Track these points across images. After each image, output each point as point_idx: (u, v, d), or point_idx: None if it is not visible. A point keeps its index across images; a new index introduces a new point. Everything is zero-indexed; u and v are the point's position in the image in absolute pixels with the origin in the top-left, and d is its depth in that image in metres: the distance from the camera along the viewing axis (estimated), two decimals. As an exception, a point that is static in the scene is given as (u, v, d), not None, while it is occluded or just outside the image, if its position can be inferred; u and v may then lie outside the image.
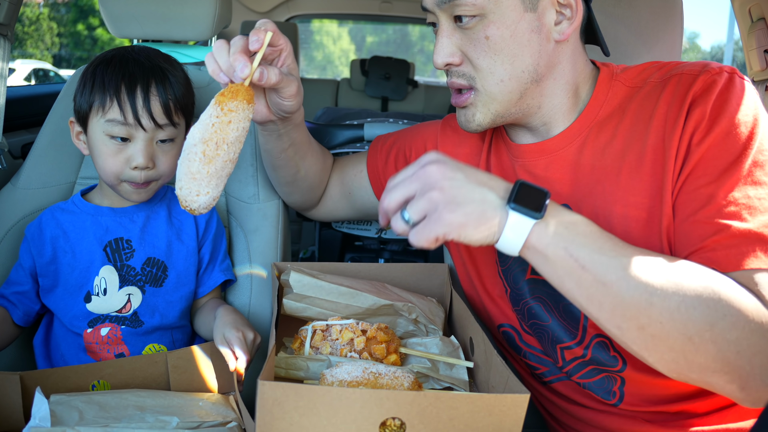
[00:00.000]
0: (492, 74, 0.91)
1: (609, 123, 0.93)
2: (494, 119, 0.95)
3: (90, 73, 1.07)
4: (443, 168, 0.75)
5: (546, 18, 0.90)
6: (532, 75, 0.91)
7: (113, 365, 0.96)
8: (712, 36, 45.90)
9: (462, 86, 0.94)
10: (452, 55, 0.92)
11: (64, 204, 1.17)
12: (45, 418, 0.80)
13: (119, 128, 1.04)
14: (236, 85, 0.87)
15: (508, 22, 0.88)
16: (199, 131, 0.85)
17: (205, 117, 0.85)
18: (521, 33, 0.89)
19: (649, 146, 0.87)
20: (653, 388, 0.91)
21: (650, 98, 0.90)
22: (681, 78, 0.88)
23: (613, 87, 0.95)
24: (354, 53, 24.36)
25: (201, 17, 1.32)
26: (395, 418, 0.71)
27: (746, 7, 1.43)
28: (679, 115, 0.85)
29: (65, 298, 1.10)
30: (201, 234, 1.19)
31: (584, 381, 0.96)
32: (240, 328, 0.97)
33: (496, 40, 0.89)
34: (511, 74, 0.90)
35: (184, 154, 0.85)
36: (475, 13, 0.88)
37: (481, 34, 0.89)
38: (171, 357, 0.97)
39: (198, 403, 0.91)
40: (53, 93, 1.58)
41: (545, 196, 0.74)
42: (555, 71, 0.93)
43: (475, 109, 0.95)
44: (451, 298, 1.12)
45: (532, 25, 0.89)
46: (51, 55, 19.04)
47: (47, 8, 19.14)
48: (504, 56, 0.89)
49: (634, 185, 0.88)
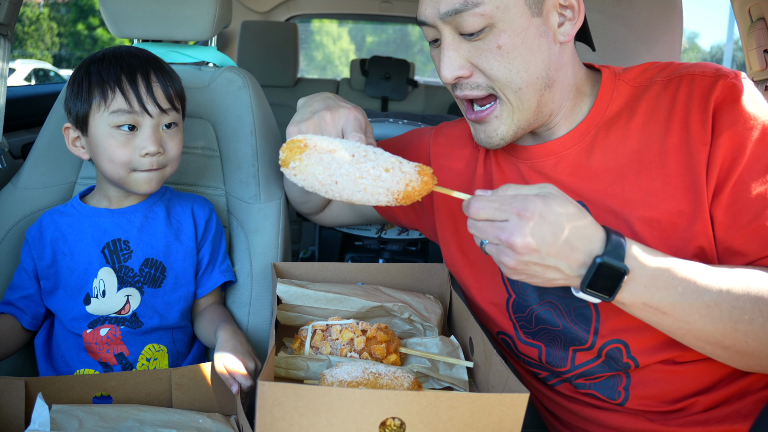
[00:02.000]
0: (509, 83, 0.89)
1: (617, 122, 0.93)
2: (516, 131, 0.93)
3: (83, 73, 1.07)
4: (538, 225, 0.74)
5: (551, 21, 0.89)
6: (545, 80, 0.90)
7: (117, 378, 0.96)
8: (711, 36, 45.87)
9: (477, 96, 0.92)
10: (462, 68, 0.90)
11: (63, 207, 1.17)
12: (45, 423, 0.80)
13: (125, 117, 1.04)
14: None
15: (518, 29, 0.87)
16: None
17: None
18: (531, 38, 0.88)
19: (669, 147, 0.87)
20: (658, 387, 0.91)
21: (662, 98, 0.90)
22: (693, 79, 0.89)
23: (617, 86, 0.95)
24: (354, 53, 24.34)
25: (201, 17, 1.32)
26: (395, 417, 0.72)
27: (746, 7, 1.43)
28: (704, 120, 0.85)
29: (65, 300, 1.10)
30: (200, 235, 1.19)
31: (590, 382, 0.96)
32: (239, 356, 0.95)
33: (508, 49, 0.87)
34: (527, 81, 0.89)
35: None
36: (484, 25, 0.86)
37: (493, 43, 0.87)
38: (175, 374, 0.97)
39: (198, 420, 0.91)
40: (53, 93, 1.59)
41: (622, 276, 0.75)
42: (561, 74, 0.92)
43: (499, 122, 0.93)
44: (451, 298, 1.12)
45: (540, 30, 0.88)
46: (51, 55, 19.03)
47: (47, 8, 19.13)
48: (519, 64, 0.88)
49: (656, 187, 0.87)
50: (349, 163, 0.80)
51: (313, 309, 1.02)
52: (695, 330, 0.78)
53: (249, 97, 1.34)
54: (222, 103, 1.33)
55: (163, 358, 1.13)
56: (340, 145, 0.81)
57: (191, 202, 1.21)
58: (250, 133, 1.32)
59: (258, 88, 1.39)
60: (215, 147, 1.33)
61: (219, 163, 1.32)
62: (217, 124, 1.33)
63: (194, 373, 0.97)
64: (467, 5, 0.86)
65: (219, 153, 1.32)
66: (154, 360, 1.12)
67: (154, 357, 1.12)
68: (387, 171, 0.80)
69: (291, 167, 0.82)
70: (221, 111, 1.33)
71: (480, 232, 0.78)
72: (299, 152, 0.80)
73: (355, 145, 0.83)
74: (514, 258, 0.75)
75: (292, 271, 1.15)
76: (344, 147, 0.81)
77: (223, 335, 1.03)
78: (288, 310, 1.02)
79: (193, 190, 1.30)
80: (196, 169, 1.31)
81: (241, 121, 1.32)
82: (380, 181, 0.80)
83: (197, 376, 0.97)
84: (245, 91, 1.34)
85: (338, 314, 1.01)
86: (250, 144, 1.31)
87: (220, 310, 1.20)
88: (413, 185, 0.81)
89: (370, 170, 0.80)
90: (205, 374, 0.97)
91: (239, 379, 0.91)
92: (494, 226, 0.76)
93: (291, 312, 1.02)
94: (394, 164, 0.81)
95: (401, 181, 0.81)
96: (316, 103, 0.99)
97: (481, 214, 0.78)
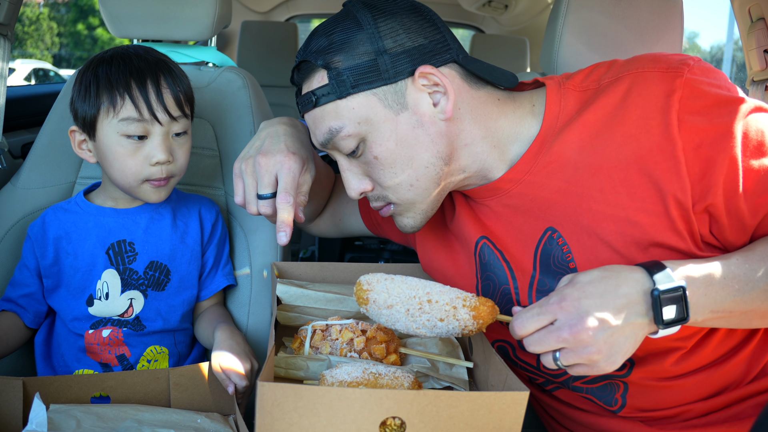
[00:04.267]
0: (399, 185, 0.90)
1: (569, 137, 0.88)
2: (425, 216, 0.94)
3: (91, 75, 1.04)
4: (585, 304, 0.72)
5: (422, 107, 0.87)
6: (438, 162, 0.89)
7: (115, 378, 0.95)
8: (711, 36, 45.88)
9: (383, 206, 0.94)
10: (361, 183, 0.92)
11: (66, 204, 1.16)
12: (42, 423, 0.80)
13: (135, 126, 1.01)
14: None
15: (387, 134, 0.87)
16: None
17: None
18: (404, 136, 0.87)
19: (629, 155, 0.83)
20: (654, 394, 0.91)
21: (612, 102, 0.86)
22: (644, 77, 0.85)
23: (564, 97, 0.91)
24: (354, 53, 24.28)
25: (201, 17, 1.32)
26: (395, 417, 0.71)
27: (746, 7, 1.43)
28: (667, 125, 0.81)
29: (68, 300, 1.10)
30: (206, 238, 1.18)
31: (587, 386, 0.95)
32: (236, 356, 0.95)
33: (385, 156, 0.88)
34: (417, 176, 0.89)
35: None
36: (357, 143, 0.88)
37: (370, 156, 0.88)
38: (173, 374, 0.96)
39: (196, 420, 0.91)
40: (53, 93, 1.58)
41: (684, 293, 0.74)
42: (459, 141, 0.90)
43: (401, 217, 0.95)
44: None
45: (411, 123, 0.87)
46: (51, 55, 19.03)
47: (47, 8, 19.13)
48: (400, 165, 0.88)
49: (621, 201, 0.84)
50: (405, 317, 0.85)
51: (312, 309, 1.01)
52: (760, 313, 0.80)
53: (249, 97, 1.34)
54: (222, 103, 1.33)
55: (164, 359, 1.13)
56: (397, 300, 0.85)
57: (198, 204, 1.20)
58: (249, 133, 1.32)
59: (258, 88, 1.39)
60: (215, 147, 1.33)
61: (219, 163, 1.32)
62: (217, 124, 1.33)
63: (192, 373, 0.97)
64: (333, 133, 0.88)
65: (219, 153, 1.32)
66: (155, 362, 1.12)
67: (155, 359, 1.12)
68: (441, 321, 0.84)
69: (360, 309, 0.89)
70: (221, 111, 1.33)
71: (540, 344, 0.75)
72: (364, 303, 0.86)
73: (412, 296, 0.85)
74: (594, 345, 0.72)
75: (292, 270, 1.14)
76: (401, 302, 0.85)
77: (220, 335, 1.02)
78: (288, 311, 1.02)
79: (193, 189, 1.30)
80: (196, 169, 1.31)
81: (241, 121, 1.32)
82: (436, 329, 0.85)
83: (195, 376, 0.97)
84: (245, 91, 1.34)
85: (338, 314, 1.01)
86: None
87: (220, 311, 1.20)
88: (469, 329, 0.84)
89: (425, 323, 0.85)
90: (203, 374, 0.97)
91: (234, 379, 0.91)
92: (550, 331, 0.74)
93: (291, 312, 1.02)
94: (449, 312, 0.84)
95: (456, 327, 0.84)
96: (262, 137, 1.00)
97: (528, 326, 0.75)
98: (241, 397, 0.93)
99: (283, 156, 0.96)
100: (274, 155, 0.96)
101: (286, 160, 0.95)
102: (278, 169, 0.95)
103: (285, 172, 0.95)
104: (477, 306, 0.84)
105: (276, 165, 0.95)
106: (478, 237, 0.98)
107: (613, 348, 0.73)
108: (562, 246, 0.88)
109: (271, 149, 0.97)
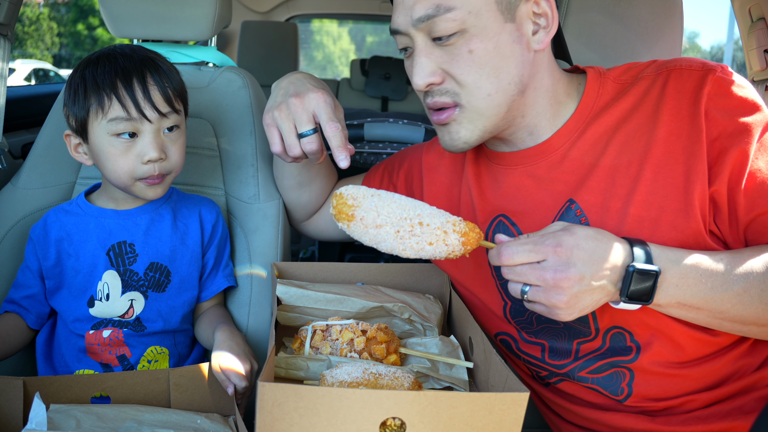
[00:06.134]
0: (479, 89, 0.89)
1: (605, 119, 0.93)
2: (482, 135, 0.93)
3: (79, 78, 1.04)
4: (577, 255, 0.77)
5: (524, 28, 0.90)
6: (517, 86, 0.90)
7: (115, 378, 0.96)
8: (712, 36, 45.91)
9: (446, 104, 0.92)
10: (434, 74, 0.90)
11: (68, 206, 1.16)
12: (42, 423, 0.80)
13: (124, 125, 1.01)
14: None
15: (491, 35, 0.87)
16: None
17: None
18: (504, 44, 0.88)
19: (659, 139, 0.88)
20: (660, 382, 0.92)
21: (650, 92, 0.91)
22: (681, 73, 0.90)
23: (603, 84, 0.96)
24: (354, 53, 24.35)
25: (201, 17, 1.32)
26: (395, 417, 0.71)
27: (746, 7, 1.43)
28: (695, 114, 0.86)
29: (69, 301, 1.10)
30: (207, 239, 1.18)
31: (593, 376, 0.96)
32: (236, 356, 0.95)
33: (480, 54, 0.87)
34: (498, 87, 0.89)
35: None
36: (456, 29, 0.87)
37: (464, 48, 0.88)
38: (173, 375, 0.97)
39: (196, 421, 0.91)
40: (53, 93, 1.59)
41: (656, 277, 0.78)
42: (536, 80, 0.93)
43: (459, 125, 0.93)
44: (450, 298, 1.12)
45: (513, 36, 0.88)
46: (51, 55, 19.02)
47: (47, 8, 19.13)
48: (489, 69, 0.88)
49: (645, 177, 0.88)
50: (393, 238, 0.84)
51: (312, 309, 1.01)
52: (729, 317, 0.82)
53: (249, 97, 1.34)
54: (222, 103, 1.33)
55: (165, 360, 1.13)
56: (387, 220, 0.83)
57: (199, 205, 1.20)
58: (249, 133, 1.32)
59: (258, 88, 1.39)
60: (215, 147, 1.32)
61: (218, 163, 1.32)
62: (216, 124, 1.33)
63: (192, 373, 0.97)
64: (439, 10, 0.86)
65: (219, 153, 1.32)
66: (156, 362, 1.12)
67: (155, 359, 1.12)
68: (431, 245, 0.83)
69: (338, 224, 0.86)
70: (221, 111, 1.33)
71: (520, 276, 0.79)
72: (347, 219, 0.84)
73: (403, 217, 0.84)
74: (566, 293, 0.77)
75: (292, 271, 1.14)
76: (391, 222, 0.83)
77: (220, 336, 1.02)
78: (288, 311, 1.02)
79: (193, 190, 1.30)
80: (196, 169, 1.31)
81: (240, 121, 1.32)
82: (422, 252, 0.84)
83: (195, 376, 0.97)
84: (245, 91, 1.34)
85: (338, 314, 1.01)
86: (250, 144, 1.31)
87: (220, 311, 1.19)
88: (455, 254, 0.84)
89: (413, 245, 0.84)
90: (203, 375, 0.97)
91: (234, 380, 0.91)
92: (534, 268, 0.78)
93: (291, 312, 1.02)
94: (439, 237, 0.84)
95: (443, 251, 0.84)
96: (284, 86, 1.03)
97: (516, 258, 0.79)
98: (240, 397, 0.93)
99: (315, 92, 0.99)
100: (306, 93, 0.99)
101: (320, 95, 0.99)
102: (314, 105, 0.98)
103: (322, 105, 0.98)
104: (467, 231, 0.84)
105: (311, 102, 0.98)
106: (495, 216, 1.01)
107: (578, 303, 0.78)
108: (581, 217, 0.92)
109: (301, 90, 1.00)
